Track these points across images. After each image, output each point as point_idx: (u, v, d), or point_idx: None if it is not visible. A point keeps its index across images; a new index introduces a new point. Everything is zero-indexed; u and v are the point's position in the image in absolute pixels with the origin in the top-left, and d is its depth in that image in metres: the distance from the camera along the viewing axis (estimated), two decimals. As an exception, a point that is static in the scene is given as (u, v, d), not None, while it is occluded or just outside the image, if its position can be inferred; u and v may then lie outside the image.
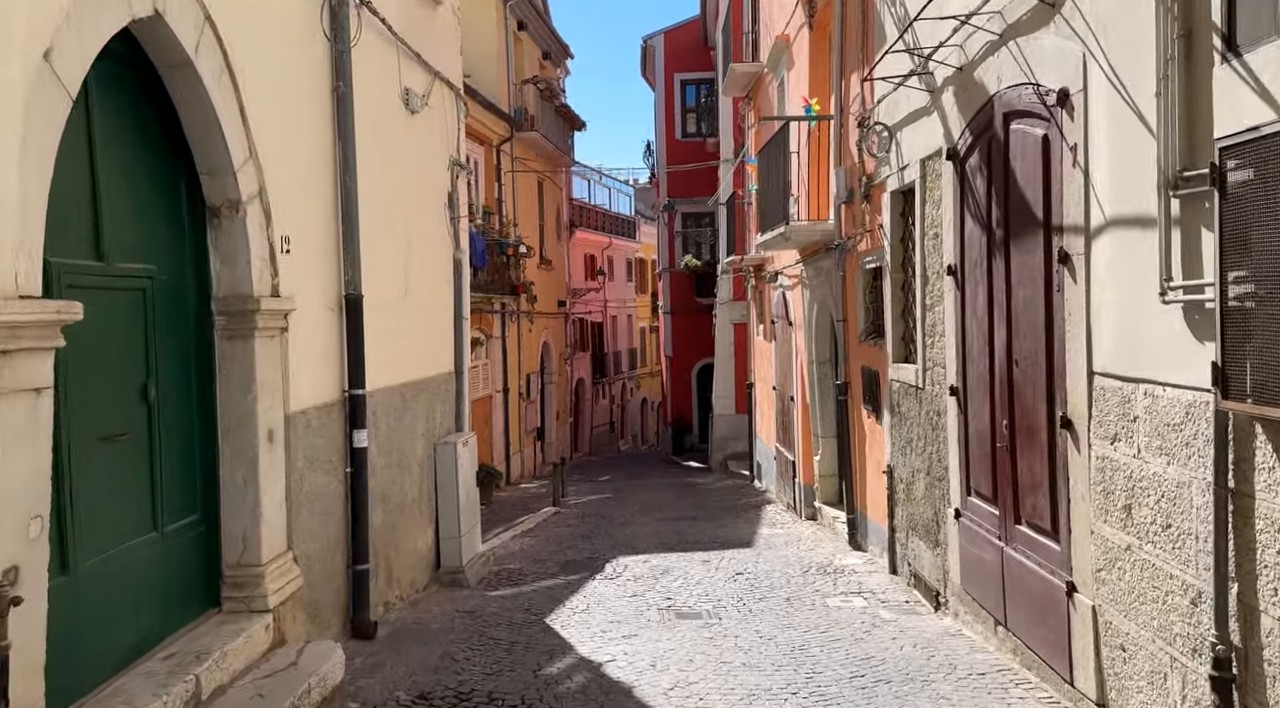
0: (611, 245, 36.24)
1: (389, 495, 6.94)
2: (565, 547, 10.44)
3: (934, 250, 6.60)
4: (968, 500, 6.01)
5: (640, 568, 8.84)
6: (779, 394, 13.77)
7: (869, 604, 7.14)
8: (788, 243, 10.07)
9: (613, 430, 36.14)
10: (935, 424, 6.67)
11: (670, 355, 26.70)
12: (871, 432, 8.69)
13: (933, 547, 6.83)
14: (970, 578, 5.97)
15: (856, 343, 9.03)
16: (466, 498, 8.23)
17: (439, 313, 8.27)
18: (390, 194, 7.04)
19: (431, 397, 7.96)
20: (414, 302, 7.51)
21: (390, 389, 6.97)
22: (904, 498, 7.59)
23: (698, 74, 25.15)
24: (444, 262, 8.39)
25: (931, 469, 6.81)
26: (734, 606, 7.27)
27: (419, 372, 7.65)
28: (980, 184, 5.60)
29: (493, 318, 17.45)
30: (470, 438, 8.50)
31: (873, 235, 8.35)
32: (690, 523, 12.15)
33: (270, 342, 5.09)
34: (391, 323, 7.02)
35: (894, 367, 7.75)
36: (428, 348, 7.93)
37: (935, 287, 6.59)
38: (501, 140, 18.10)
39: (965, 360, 5.95)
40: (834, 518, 10.41)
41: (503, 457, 18.18)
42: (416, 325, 7.61)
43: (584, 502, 15.51)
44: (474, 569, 8.21)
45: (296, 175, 5.50)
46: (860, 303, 8.88)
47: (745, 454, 18.54)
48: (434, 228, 8.14)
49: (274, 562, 5.08)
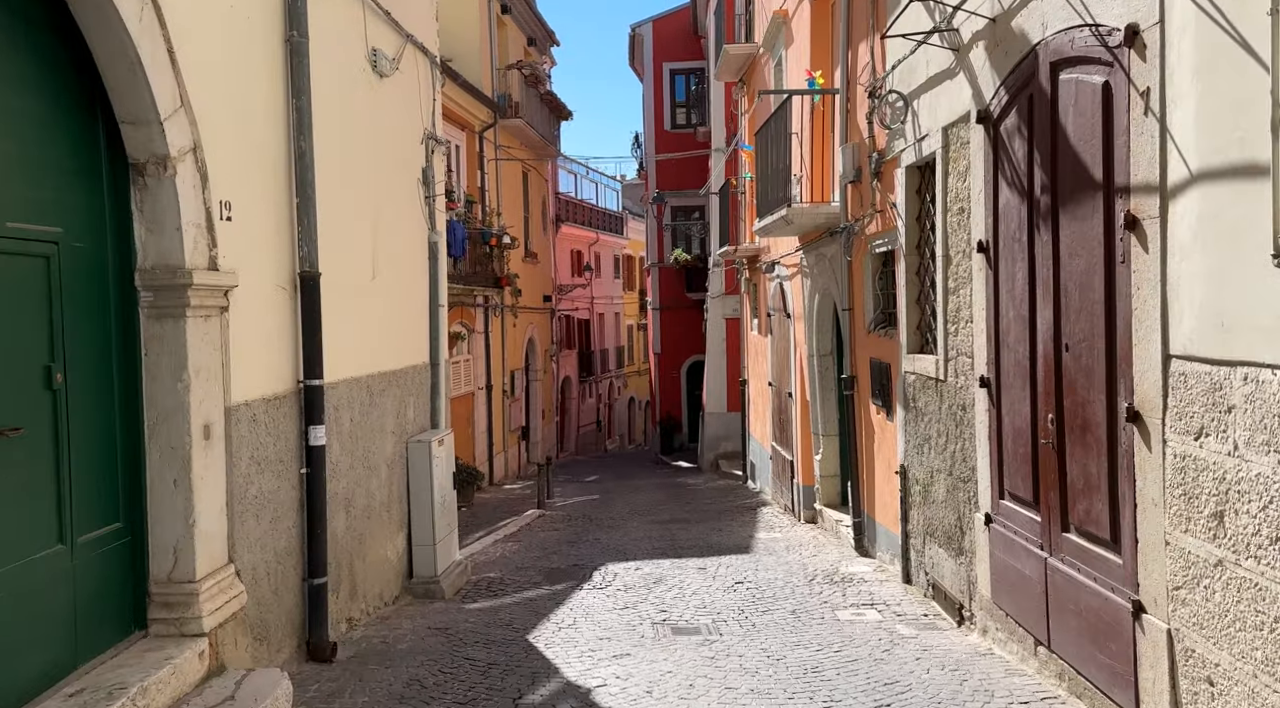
0: (599, 241, 35.55)
1: (353, 499, 6.25)
2: (550, 553, 9.76)
3: (959, 227, 5.96)
4: (1000, 505, 5.37)
5: (631, 576, 8.18)
6: (776, 391, 13.13)
7: (884, 618, 6.49)
8: (789, 227, 9.43)
9: (600, 430, 35.45)
10: (960, 420, 6.03)
11: (659, 352, 26.04)
12: (881, 429, 8.05)
13: (955, 555, 6.19)
14: (1004, 591, 5.32)
15: (864, 334, 8.38)
16: (442, 501, 7.54)
17: (412, 299, 7.57)
18: (355, 165, 6.34)
19: (403, 391, 7.26)
20: (383, 285, 6.81)
21: (355, 381, 6.28)
22: (920, 501, 6.95)
23: (688, 64, 24.50)
24: (418, 244, 7.70)
25: (954, 470, 6.16)
26: (735, 619, 6.62)
27: (389, 363, 6.96)
28: (1019, 147, 4.96)
29: (475, 311, 16.74)
30: (447, 436, 7.81)
31: (884, 216, 7.71)
32: (683, 526, 11.49)
33: (206, 322, 4.39)
34: (356, 307, 6.33)
35: (908, 358, 7.11)
36: (399, 337, 7.24)
37: (960, 267, 5.94)
38: (484, 126, 17.39)
39: (999, 348, 5.30)
40: (837, 521, 9.77)
41: (485, 457, 17.48)
42: (386, 312, 6.92)
43: (570, 504, 14.84)
44: (450, 579, 7.51)
45: (241, 133, 4.80)
46: (869, 290, 8.24)
47: (738, 454, 17.91)
48: (406, 207, 7.45)
49: (211, 577, 4.39)
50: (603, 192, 40.20)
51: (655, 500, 14.72)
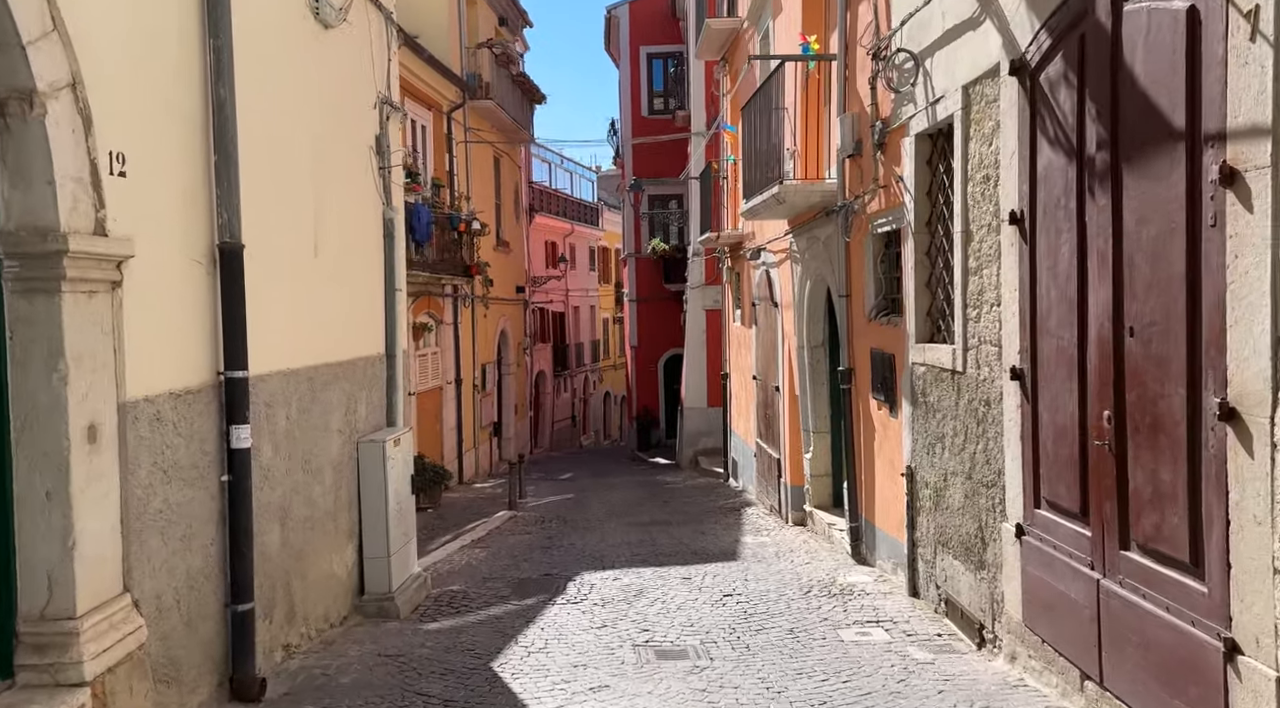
0: (574, 233, 34.72)
1: (290, 509, 5.44)
2: (520, 560, 8.99)
3: (983, 198, 5.24)
4: (1036, 515, 4.66)
5: (609, 588, 7.42)
6: (761, 385, 12.41)
7: (893, 639, 5.78)
8: (779, 208, 8.70)
9: (575, 425, 34.65)
10: (982, 416, 5.32)
11: (636, 346, 25.27)
12: (883, 426, 7.34)
13: (975, 569, 5.49)
14: (1039, 614, 4.62)
15: (864, 322, 7.67)
16: (398, 508, 6.74)
17: (364, 282, 6.76)
18: (292, 124, 5.53)
19: (354, 384, 6.45)
20: (328, 265, 6.00)
21: (292, 374, 5.47)
22: (930, 506, 6.25)
23: (665, 47, 23.70)
24: (370, 220, 6.88)
25: (975, 472, 5.46)
26: (726, 640, 5.89)
27: (336, 353, 6.15)
28: (1065, 99, 4.25)
29: (443, 301, 15.90)
30: (405, 435, 7.01)
31: (888, 192, 6.99)
32: (664, 529, 10.75)
33: (91, 300, 3.58)
34: (294, 289, 5.52)
35: (917, 348, 6.40)
36: (348, 324, 6.43)
37: (985, 244, 5.23)
38: (452, 107, 16.52)
39: (1036, 333, 4.60)
40: (830, 525, 9.07)
41: (455, 454, 16.65)
42: (332, 295, 6.11)
43: (544, 504, 14.06)
44: (406, 595, 6.72)
45: (139, 70, 3.98)
46: (869, 274, 7.52)
47: (719, 451, 17.20)
48: (357, 178, 6.63)
49: (98, 612, 3.58)
50: (578, 182, 39.35)
51: (633, 500, 13.97)
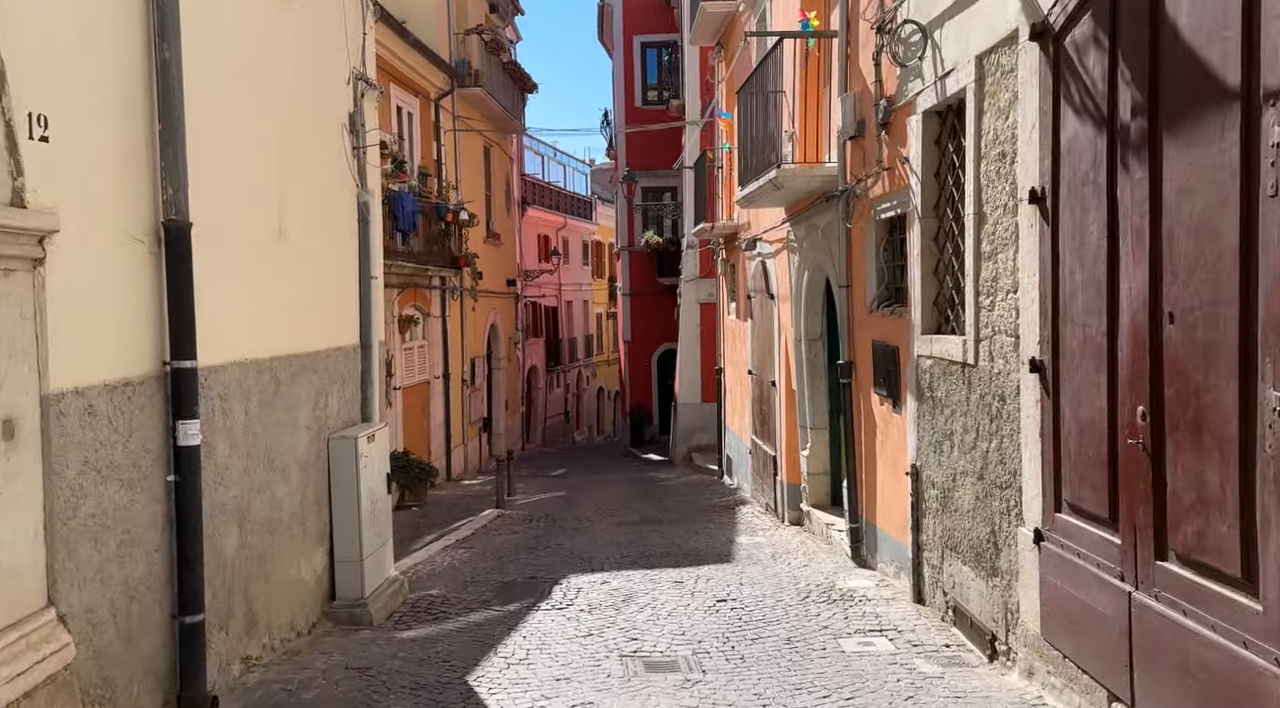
0: (567, 226, 34.28)
1: (250, 510, 5.04)
2: (506, 562, 8.59)
3: (999, 177, 4.86)
4: (1057, 519, 4.28)
5: (597, 592, 7.04)
6: (756, 379, 12.03)
7: (898, 650, 5.41)
8: (777, 194, 8.31)
9: (567, 421, 34.26)
10: (996, 412, 4.94)
11: (629, 340, 24.88)
12: (885, 422, 6.97)
13: (987, 576, 5.12)
14: (1060, 627, 4.25)
15: (865, 313, 7.29)
16: (371, 509, 6.35)
17: (336, 268, 6.36)
18: (251, 96, 5.12)
19: (323, 377, 6.06)
20: (295, 249, 5.60)
21: (253, 364, 5.06)
22: (937, 508, 5.87)
23: (659, 36, 23.28)
24: (343, 203, 6.48)
25: (987, 472, 5.08)
26: (720, 650, 5.51)
27: (303, 343, 5.75)
28: (1095, 62, 3.86)
29: (430, 293, 15.47)
30: (380, 431, 6.61)
31: (892, 174, 6.60)
32: (655, 528, 10.37)
33: (6, 279, 3.19)
34: (255, 273, 5.12)
35: (923, 339, 6.02)
36: (318, 313, 6.02)
37: (1001, 225, 4.85)
38: (440, 94, 16.08)
39: (1058, 321, 4.21)
40: (828, 526, 8.70)
41: (443, 450, 16.24)
42: (299, 282, 5.71)
43: (533, 502, 13.66)
44: (380, 601, 6.33)
45: (65, 26, 3.57)
46: (871, 263, 7.14)
47: (713, 447, 16.82)
48: (327, 157, 6.23)
49: (12, 630, 3.19)
50: (571, 175, 38.94)
51: (625, 498, 13.59)
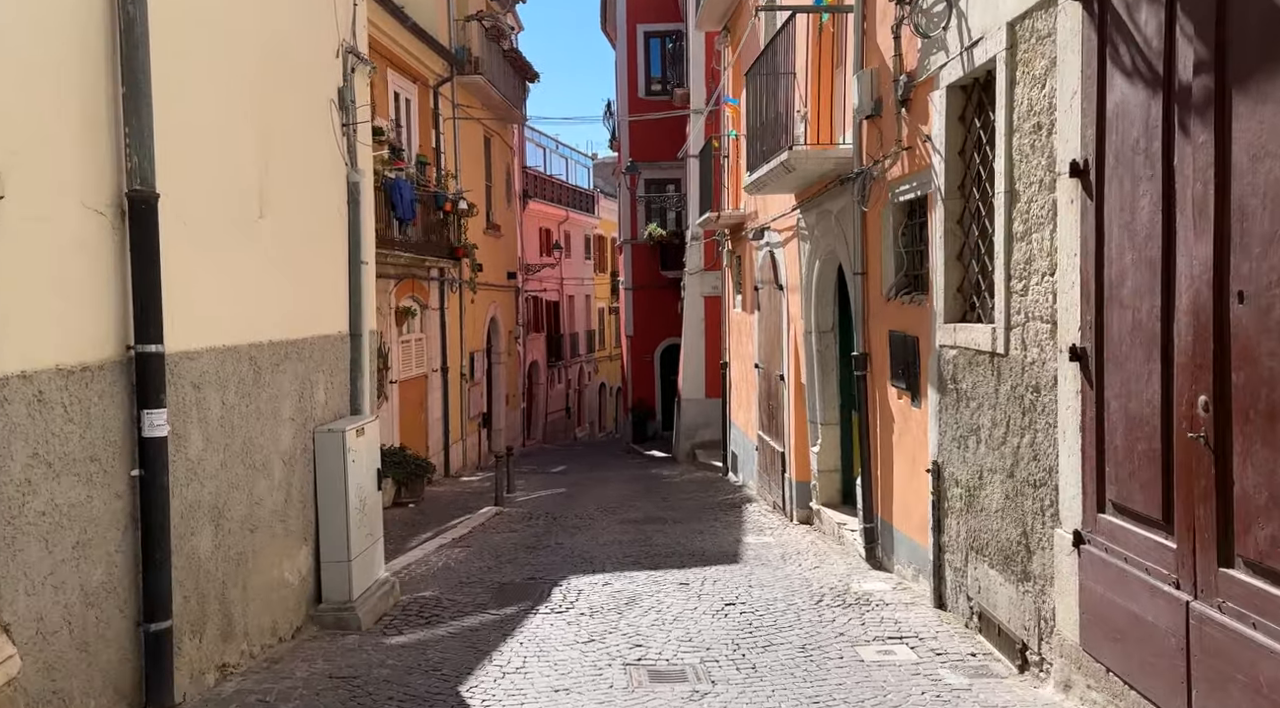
0: (569, 220, 33.93)
1: (227, 508, 4.70)
2: (504, 561, 8.26)
3: (1034, 151, 4.51)
4: (1100, 520, 3.94)
5: (599, 594, 6.70)
6: (764, 374, 11.68)
7: (921, 659, 5.06)
8: (788, 177, 7.95)
9: (569, 417, 33.95)
10: (1029, 405, 4.59)
11: (631, 335, 24.54)
12: (904, 417, 6.62)
13: (1017, 580, 4.77)
14: (1103, 638, 3.90)
15: (881, 302, 6.94)
16: (361, 506, 6.01)
17: (324, 252, 6.02)
18: (229, 63, 4.77)
19: (310, 366, 5.71)
20: (278, 230, 5.25)
21: (231, 351, 4.72)
22: (961, 508, 5.52)
23: (663, 25, 22.90)
24: (331, 183, 6.13)
25: (1018, 470, 4.73)
26: (730, 658, 5.17)
27: (288, 330, 5.41)
28: (1147, 18, 3.50)
29: (428, 285, 15.12)
30: (369, 424, 6.26)
31: (912, 155, 6.25)
32: (659, 527, 10.03)
33: (-64, 249, 2.84)
34: (234, 254, 4.77)
35: (946, 329, 5.67)
36: (303, 298, 5.68)
37: (1036, 203, 4.49)
38: (439, 80, 15.72)
39: (1103, 305, 3.86)
40: (840, 525, 8.35)
41: (441, 446, 15.91)
42: (282, 264, 5.36)
43: (533, 499, 13.32)
44: (369, 604, 5.99)
45: (13, -28, 3.23)
46: (889, 249, 6.79)
47: (717, 443, 16.48)
48: (314, 134, 5.88)
49: (-54, 643, 2.84)
50: (574, 168, 38.57)
51: (627, 495, 13.25)
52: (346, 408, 6.33)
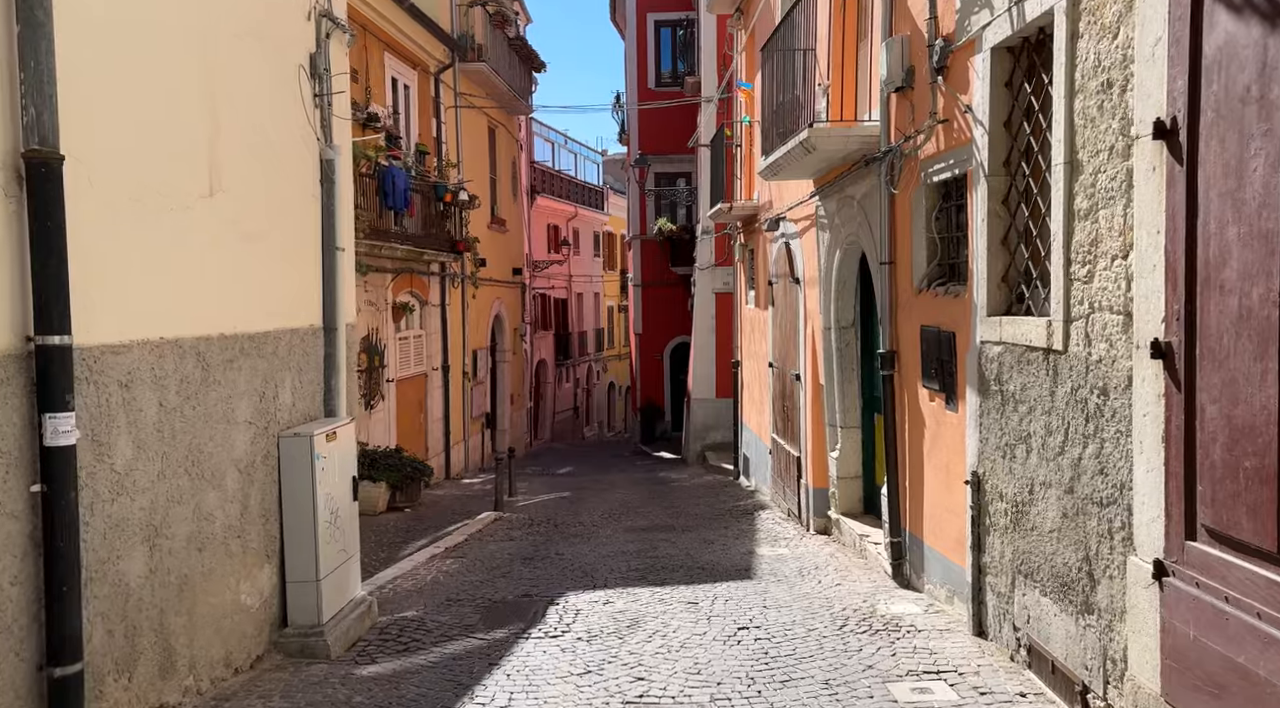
0: (577, 216, 33.32)
1: (167, 526, 4.09)
2: (497, 575, 7.64)
3: (1104, 111, 3.85)
4: (1190, 548, 3.28)
5: (598, 616, 6.08)
6: (778, 373, 11.03)
7: (963, 700, 4.42)
8: (808, 159, 7.29)
9: (577, 416, 33.36)
10: (1095, 409, 3.94)
11: (640, 333, 23.90)
12: (937, 421, 5.96)
13: (1078, 612, 4.12)
14: (1193, 689, 3.25)
15: (911, 294, 6.29)
16: (333, 519, 5.39)
17: (290, 235, 5.40)
18: (165, 13, 4.16)
19: (274, 363, 5.10)
20: (233, 207, 4.65)
21: (171, 345, 4.11)
22: (1006, 525, 4.87)
23: (674, 14, 22.26)
24: (301, 159, 5.52)
25: (1079, 484, 4.08)
26: (743, 696, 4.55)
27: (246, 322, 4.80)
28: (1265, -64, 2.85)
29: (427, 280, 14.53)
30: (343, 427, 5.65)
31: (949, 129, 5.60)
32: (667, 536, 9.40)
33: None
34: (175, 234, 4.16)
35: (989, 323, 5.02)
36: (265, 286, 5.07)
37: (1105, 173, 3.84)
38: (440, 67, 15.12)
39: (1195, 290, 3.21)
40: (862, 537, 7.70)
41: (441, 447, 15.31)
42: (238, 248, 4.75)
43: (535, 503, 12.71)
44: (342, 628, 5.38)
45: None
46: (920, 235, 6.14)
47: (728, 446, 15.84)
48: (279, 104, 5.27)
49: None
50: (583, 164, 37.96)
51: (634, 500, 12.62)
52: (319, 409, 5.72)
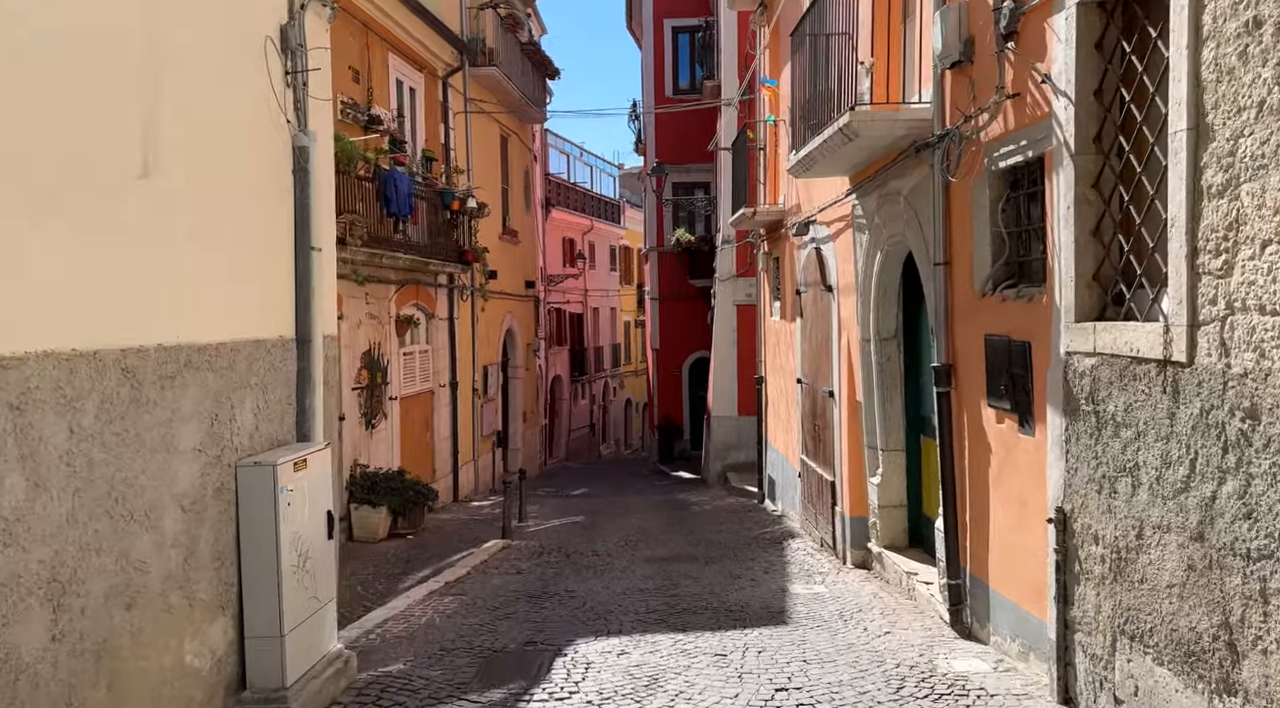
0: (593, 229, 32.64)
1: (77, 584, 3.32)
2: (500, 617, 6.83)
3: (1246, 60, 3.04)
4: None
5: (612, 671, 5.27)
6: (807, 390, 10.20)
7: (1062, 795, 3.57)
8: (847, 149, 6.50)
9: (593, 434, 32.57)
10: (1237, 437, 3.11)
11: (657, 348, 23.11)
12: (1006, 446, 5.13)
13: (1213, 692, 3.27)
14: None
15: (972, 299, 5.47)
16: (301, 562, 4.61)
17: (252, 231, 4.66)
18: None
19: (229, 380, 4.34)
20: (173, 194, 3.90)
21: (85, 359, 3.35)
22: (1106, 574, 4.03)
23: (691, 20, 21.58)
24: (268, 144, 4.78)
25: (1213, 531, 3.25)
26: (788, 784, 3.71)
27: (189, 330, 4.04)
28: None
29: (434, 292, 13.79)
30: (316, 454, 4.87)
31: (1020, 103, 4.80)
32: (688, 569, 8.56)
33: None
34: (92, 221, 3.41)
35: (1078, 329, 4.20)
36: (219, 289, 4.31)
37: (1251, 139, 3.03)
38: (449, 70, 14.44)
39: None
40: (909, 575, 6.85)
41: (448, 468, 14.54)
42: (182, 241, 4.00)
43: (546, 529, 11.90)
44: (311, 690, 4.58)
45: None
46: (983, 230, 5.33)
47: (751, 466, 15.00)
48: (239, 78, 4.54)
49: None
50: (599, 177, 37.31)
51: (652, 526, 11.78)
52: (289, 433, 4.94)
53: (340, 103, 10.59)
